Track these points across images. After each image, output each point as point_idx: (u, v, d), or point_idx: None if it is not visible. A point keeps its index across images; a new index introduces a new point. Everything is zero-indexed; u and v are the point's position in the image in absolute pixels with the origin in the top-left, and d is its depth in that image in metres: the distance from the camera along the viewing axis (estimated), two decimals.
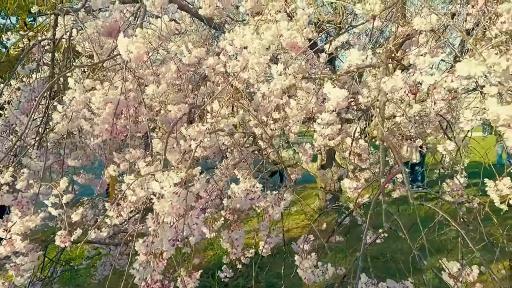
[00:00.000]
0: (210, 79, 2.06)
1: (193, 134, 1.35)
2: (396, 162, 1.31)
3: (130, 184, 1.48)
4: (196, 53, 2.01)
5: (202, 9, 2.35)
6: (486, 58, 0.83)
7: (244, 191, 1.42)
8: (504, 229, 1.83)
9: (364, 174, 1.83)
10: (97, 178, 2.59)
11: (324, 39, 5.04)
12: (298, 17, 1.45)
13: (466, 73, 0.88)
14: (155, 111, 1.90)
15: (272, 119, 1.85)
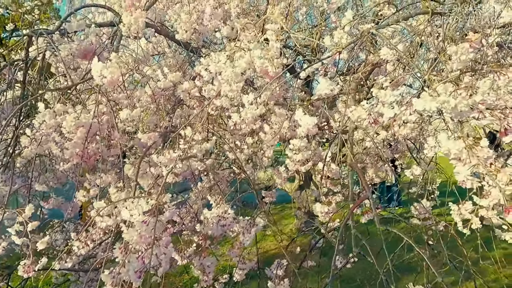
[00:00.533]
0: (185, 103, 2.07)
1: (164, 161, 1.35)
2: (364, 188, 1.36)
3: (99, 210, 1.45)
4: (171, 77, 2.03)
5: (179, 34, 2.40)
6: (441, 93, 0.89)
7: (216, 217, 1.42)
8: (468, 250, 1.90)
9: (336, 198, 1.87)
10: (68, 200, 2.51)
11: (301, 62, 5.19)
12: (269, 47, 1.51)
13: (422, 108, 0.94)
14: (128, 135, 1.89)
15: (246, 143, 1.87)
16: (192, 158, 1.53)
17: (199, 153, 1.56)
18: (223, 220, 1.42)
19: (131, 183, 1.54)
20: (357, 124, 1.63)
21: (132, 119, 1.66)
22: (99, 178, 1.57)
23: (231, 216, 1.43)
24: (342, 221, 1.36)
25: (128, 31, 1.88)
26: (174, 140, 1.55)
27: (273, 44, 1.43)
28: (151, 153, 1.81)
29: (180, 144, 1.50)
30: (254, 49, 1.61)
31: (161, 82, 1.88)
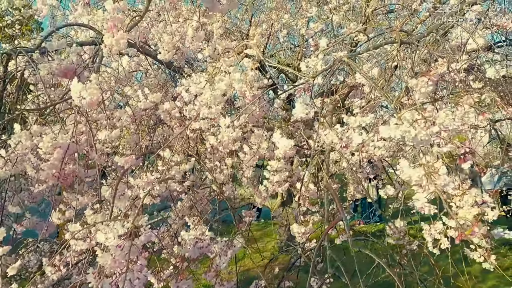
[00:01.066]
0: (166, 123, 2.09)
1: (141, 184, 1.36)
2: (338, 210, 1.39)
3: (74, 233, 1.43)
4: (152, 98, 2.05)
5: (161, 54, 2.43)
6: (404, 123, 0.95)
7: (193, 239, 1.42)
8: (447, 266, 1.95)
9: (314, 218, 1.90)
10: (43, 220, 2.45)
11: (284, 81, 5.31)
12: (247, 72, 1.56)
13: (387, 135, 1.00)
14: (107, 155, 1.88)
15: (225, 164, 1.90)
16: (170, 180, 1.54)
17: (178, 174, 1.57)
18: (200, 242, 1.42)
19: (109, 205, 1.53)
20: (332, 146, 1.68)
21: (111, 140, 1.66)
22: (75, 200, 1.56)
23: (209, 237, 1.44)
24: (318, 242, 1.39)
25: (109, 52, 1.90)
26: (153, 161, 1.55)
27: (249, 72, 1.48)
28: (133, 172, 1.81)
29: (159, 165, 1.51)
30: (233, 73, 1.66)
31: (141, 103, 1.89)
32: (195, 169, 2.48)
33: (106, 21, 1.93)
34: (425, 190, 0.96)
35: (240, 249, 1.55)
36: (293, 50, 4.80)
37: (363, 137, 1.12)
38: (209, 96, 1.53)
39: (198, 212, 1.72)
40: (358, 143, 1.13)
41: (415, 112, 1.07)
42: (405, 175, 0.95)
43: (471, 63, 2.61)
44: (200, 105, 1.57)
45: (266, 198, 2.26)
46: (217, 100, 1.73)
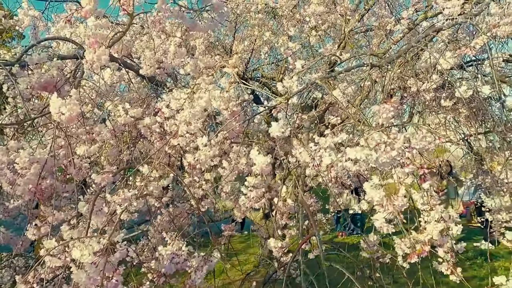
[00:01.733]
0: (146, 137, 2.11)
1: (118, 200, 1.38)
2: (311, 225, 1.44)
3: (50, 250, 1.42)
4: (132, 113, 2.07)
5: (143, 69, 2.46)
6: (366, 146, 1.01)
7: (170, 254, 1.44)
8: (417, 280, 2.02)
9: (291, 232, 1.95)
10: (18, 234, 2.40)
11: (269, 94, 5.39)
12: (227, 89, 1.62)
13: (354, 157, 1.06)
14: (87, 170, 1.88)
15: (204, 179, 1.93)
16: (148, 195, 1.56)
17: (156, 190, 1.59)
18: (177, 258, 1.44)
19: (86, 221, 1.53)
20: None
21: (90, 155, 1.68)
22: (51, 215, 1.55)
23: (185, 253, 1.46)
24: (291, 257, 1.43)
25: (90, 67, 1.92)
26: (132, 176, 1.57)
27: (224, 94, 1.53)
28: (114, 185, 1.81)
29: (137, 181, 1.53)
30: (212, 90, 1.71)
31: (121, 118, 1.91)
32: (177, 183, 2.50)
33: (88, 37, 1.95)
34: (385, 210, 1.02)
35: (216, 264, 1.58)
36: (277, 64, 4.91)
37: (332, 157, 1.18)
38: (187, 113, 1.57)
39: (175, 227, 1.74)
40: (327, 163, 1.19)
41: (382, 134, 1.15)
42: (368, 196, 1.01)
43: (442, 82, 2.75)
44: (180, 121, 1.61)
45: (245, 212, 2.29)
46: (197, 117, 1.78)
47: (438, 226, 1.42)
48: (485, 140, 3.65)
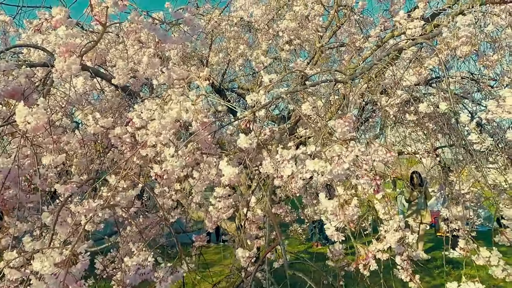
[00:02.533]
0: (117, 148, 2.10)
1: (82, 211, 1.37)
2: (277, 235, 1.48)
3: (9, 261, 1.39)
4: (102, 122, 2.06)
5: (115, 79, 2.46)
6: (323, 159, 1.07)
7: (135, 265, 1.44)
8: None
9: (260, 242, 1.98)
10: None
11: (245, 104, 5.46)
12: (193, 102, 1.65)
13: (312, 169, 1.12)
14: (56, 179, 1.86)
15: (174, 190, 1.94)
16: (115, 206, 1.56)
17: (124, 200, 1.59)
18: (142, 268, 1.44)
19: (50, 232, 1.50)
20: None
21: (56, 165, 1.66)
22: (13, 227, 1.52)
23: (151, 263, 1.46)
24: (255, 267, 1.46)
25: (60, 76, 1.90)
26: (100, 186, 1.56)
27: (190, 107, 1.57)
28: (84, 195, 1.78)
29: (104, 191, 1.52)
30: (183, 102, 1.73)
31: (91, 128, 1.90)
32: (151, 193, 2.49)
33: (58, 46, 1.94)
34: (338, 219, 1.08)
35: (185, 275, 1.58)
36: (253, 75, 4.99)
37: (293, 169, 1.23)
38: (157, 124, 1.59)
39: (143, 238, 1.73)
40: (288, 174, 1.24)
41: (341, 147, 1.21)
42: (322, 206, 1.07)
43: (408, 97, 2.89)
44: (149, 132, 1.63)
45: (216, 222, 2.30)
46: (168, 127, 1.79)
47: (396, 235, 1.50)
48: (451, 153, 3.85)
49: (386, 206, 1.66)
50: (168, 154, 1.51)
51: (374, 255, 1.52)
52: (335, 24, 3.63)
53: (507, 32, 2.03)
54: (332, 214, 1.08)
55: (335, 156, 1.06)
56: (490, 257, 1.48)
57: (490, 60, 2.58)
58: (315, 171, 1.09)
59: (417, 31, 2.37)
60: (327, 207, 1.07)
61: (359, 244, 1.32)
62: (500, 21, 2.08)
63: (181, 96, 1.75)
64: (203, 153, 1.87)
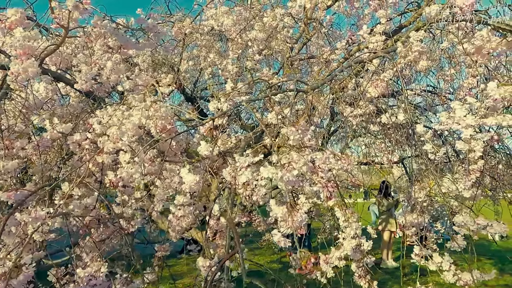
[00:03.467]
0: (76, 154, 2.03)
1: (28, 220, 1.30)
2: (236, 243, 1.47)
3: None
4: (61, 128, 2.00)
5: (77, 84, 2.39)
6: (276, 166, 1.09)
7: (86, 276, 1.38)
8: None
9: (223, 250, 1.96)
10: None
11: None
12: (156, 107, 1.63)
13: (267, 176, 1.13)
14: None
15: (134, 198, 1.89)
16: (66, 215, 1.50)
17: (77, 209, 1.53)
18: (94, 280, 1.38)
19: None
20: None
21: (7, 172, 1.58)
22: None
23: (104, 274, 1.41)
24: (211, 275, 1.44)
25: (15, 79, 1.83)
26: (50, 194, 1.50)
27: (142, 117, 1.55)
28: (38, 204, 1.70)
29: (56, 199, 1.46)
30: (144, 109, 1.71)
31: (48, 133, 1.84)
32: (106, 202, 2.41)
33: (15, 48, 1.87)
34: (286, 225, 1.09)
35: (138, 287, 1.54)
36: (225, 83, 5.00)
37: (248, 176, 1.24)
38: (115, 130, 1.56)
39: (97, 248, 1.67)
40: (243, 182, 1.25)
41: (298, 154, 1.23)
42: (272, 213, 1.07)
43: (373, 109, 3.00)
44: (109, 138, 1.59)
45: (180, 232, 2.26)
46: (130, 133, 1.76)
47: (352, 242, 1.53)
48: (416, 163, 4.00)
49: (345, 214, 1.69)
50: (124, 160, 1.48)
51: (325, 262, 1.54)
52: (305, 37, 3.72)
53: (459, 48, 2.15)
54: (282, 220, 1.09)
55: (286, 163, 1.08)
56: (441, 262, 1.53)
57: (447, 74, 2.72)
58: (269, 178, 1.10)
59: (379, 45, 2.47)
60: (277, 213, 1.08)
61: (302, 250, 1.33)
62: (454, 38, 2.20)
63: (142, 102, 1.73)
64: (165, 161, 1.84)
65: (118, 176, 1.48)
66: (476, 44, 1.95)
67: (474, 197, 1.74)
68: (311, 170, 1.25)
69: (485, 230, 1.47)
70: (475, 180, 1.68)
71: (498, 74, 2.39)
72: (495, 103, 1.61)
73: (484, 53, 2.00)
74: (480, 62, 2.01)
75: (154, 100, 1.61)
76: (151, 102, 1.55)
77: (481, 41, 1.91)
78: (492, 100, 1.61)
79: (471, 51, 2.00)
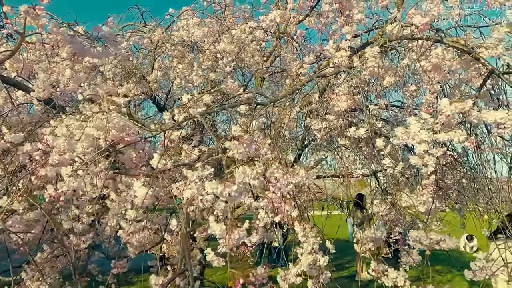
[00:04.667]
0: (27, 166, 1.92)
1: None
2: (185, 261, 1.41)
3: None
4: (10, 138, 1.89)
5: (34, 92, 2.29)
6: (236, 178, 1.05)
7: None
8: None
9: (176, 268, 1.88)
10: None
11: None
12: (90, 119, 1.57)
13: (210, 190, 1.08)
14: None
15: (86, 213, 1.80)
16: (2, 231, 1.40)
17: (20, 224, 1.44)
18: None
19: None
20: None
21: None
22: None
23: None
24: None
25: None
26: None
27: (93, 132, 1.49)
28: None
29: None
30: (99, 119, 1.64)
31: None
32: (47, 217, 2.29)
33: None
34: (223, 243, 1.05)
35: None
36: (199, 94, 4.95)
37: (193, 191, 1.19)
38: (62, 142, 1.48)
39: (37, 267, 1.57)
40: (187, 196, 1.20)
41: (246, 168, 1.20)
42: (211, 230, 1.03)
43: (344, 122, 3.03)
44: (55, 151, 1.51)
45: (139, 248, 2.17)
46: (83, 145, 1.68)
47: (309, 258, 1.50)
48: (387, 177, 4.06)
49: (304, 229, 1.66)
50: (66, 174, 1.40)
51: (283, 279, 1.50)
52: (277, 50, 3.76)
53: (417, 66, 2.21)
54: (220, 237, 1.05)
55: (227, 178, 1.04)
56: (397, 277, 1.52)
57: (409, 90, 2.79)
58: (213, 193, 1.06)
59: (344, 60, 2.50)
60: (215, 230, 1.03)
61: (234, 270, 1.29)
62: (413, 56, 2.26)
63: (99, 113, 1.66)
64: (118, 173, 1.77)
65: (59, 190, 1.40)
66: (432, 62, 2.01)
67: (429, 211, 1.76)
68: (262, 184, 1.22)
69: (438, 245, 1.48)
70: (432, 194, 1.70)
71: (459, 91, 2.46)
72: (448, 119, 1.65)
73: (441, 71, 2.06)
74: (437, 79, 2.06)
75: (101, 111, 1.54)
76: (94, 113, 1.48)
77: (437, 58, 1.96)
78: (445, 116, 1.64)
79: (428, 68, 2.05)
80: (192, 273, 1.39)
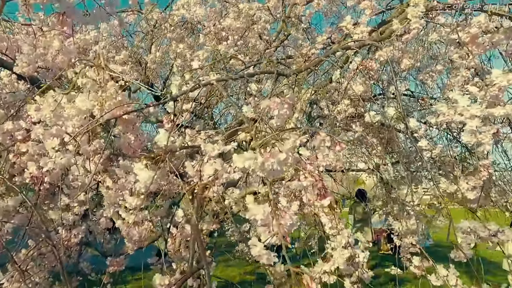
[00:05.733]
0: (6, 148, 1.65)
1: None
2: (202, 257, 1.17)
3: None
4: None
5: (17, 67, 2.01)
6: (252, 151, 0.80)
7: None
8: None
9: (183, 265, 1.63)
10: None
11: None
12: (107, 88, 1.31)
13: (241, 165, 0.84)
14: None
15: (77, 201, 1.54)
16: None
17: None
18: None
19: None
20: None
21: None
22: None
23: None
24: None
25: None
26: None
27: (86, 104, 1.23)
28: None
29: None
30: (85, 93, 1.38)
31: None
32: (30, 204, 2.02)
33: None
34: (270, 232, 0.79)
35: None
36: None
37: (216, 167, 0.94)
38: (48, 113, 1.22)
39: (16, 266, 1.30)
40: (209, 173, 0.96)
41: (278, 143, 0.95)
42: (249, 214, 0.79)
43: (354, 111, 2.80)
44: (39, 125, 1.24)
45: (138, 242, 1.91)
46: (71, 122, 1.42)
47: (344, 253, 1.26)
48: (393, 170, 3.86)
49: (334, 219, 1.42)
50: (52, 148, 1.13)
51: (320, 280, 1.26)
52: (283, 34, 3.51)
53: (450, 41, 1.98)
54: (263, 225, 0.80)
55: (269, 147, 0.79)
56: (447, 275, 1.29)
57: (434, 71, 2.56)
58: (245, 169, 0.81)
59: (365, 36, 2.26)
60: (256, 215, 0.78)
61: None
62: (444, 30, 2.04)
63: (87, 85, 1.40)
64: (115, 154, 1.51)
65: (43, 169, 1.13)
66: (471, 32, 1.79)
67: (478, 199, 1.53)
68: (296, 161, 0.97)
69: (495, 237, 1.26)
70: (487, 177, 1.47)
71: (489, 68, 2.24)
72: (500, 92, 1.43)
73: (479, 43, 1.84)
74: (475, 52, 1.84)
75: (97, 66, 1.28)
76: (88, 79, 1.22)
77: (478, 28, 1.74)
78: (497, 88, 1.42)
79: (466, 40, 1.83)
80: (209, 271, 1.14)
